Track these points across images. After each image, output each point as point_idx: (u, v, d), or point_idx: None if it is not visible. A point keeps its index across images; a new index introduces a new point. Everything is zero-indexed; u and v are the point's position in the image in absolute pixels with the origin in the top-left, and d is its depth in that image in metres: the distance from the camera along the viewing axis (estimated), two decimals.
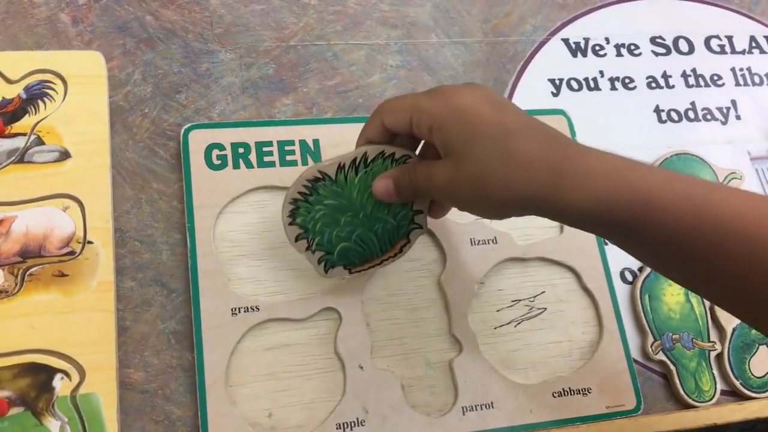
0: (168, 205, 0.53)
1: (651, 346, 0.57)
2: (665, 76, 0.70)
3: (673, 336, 0.58)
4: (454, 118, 0.42)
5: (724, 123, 0.69)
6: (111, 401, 0.46)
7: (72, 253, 0.49)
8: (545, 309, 0.57)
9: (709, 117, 0.69)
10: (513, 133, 0.41)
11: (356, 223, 0.49)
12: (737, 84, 0.71)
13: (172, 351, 0.49)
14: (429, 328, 0.54)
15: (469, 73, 0.64)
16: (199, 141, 0.54)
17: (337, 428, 0.49)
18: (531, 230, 0.58)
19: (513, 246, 0.57)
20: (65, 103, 0.53)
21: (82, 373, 0.46)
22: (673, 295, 0.59)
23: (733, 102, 0.70)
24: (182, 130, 0.54)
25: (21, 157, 0.50)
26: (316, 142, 0.56)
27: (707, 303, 0.60)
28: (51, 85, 0.53)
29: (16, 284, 0.47)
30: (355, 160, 0.47)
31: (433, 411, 0.52)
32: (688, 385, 0.57)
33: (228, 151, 0.54)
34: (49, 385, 0.46)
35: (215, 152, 0.54)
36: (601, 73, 0.68)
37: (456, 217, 0.57)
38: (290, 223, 0.48)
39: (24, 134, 0.51)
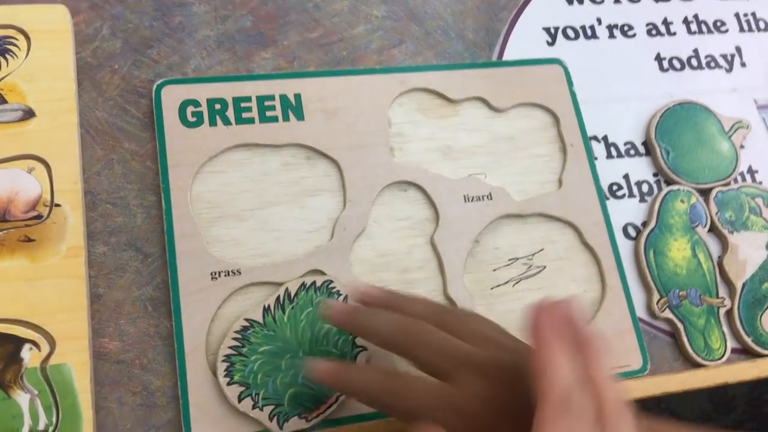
0: (141, 165, 0.49)
1: (657, 304, 0.53)
2: (666, 22, 0.65)
3: (680, 293, 0.54)
4: None
5: (728, 71, 0.64)
6: (84, 372, 0.42)
7: (38, 217, 0.45)
8: (544, 267, 0.52)
9: (712, 64, 0.64)
10: None
11: (299, 364, 0.45)
12: (741, 30, 0.66)
13: (149, 318, 0.45)
14: (422, 290, 0.50)
15: (459, 23, 0.59)
16: (172, 97, 0.49)
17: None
18: (528, 185, 0.54)
19: (509, 202, 0.53)
20: (28, 59, 0.48)
21: (52, 342, 0.43)
22: (679, 250, 0.55)
23: (738, 48, 0.65)
24: (154, 87, 0.49)
25: None
26: (297, 96, 0.52)
27: (715, 257, 0.56)
28: (13, 41, 0.48)
29: None
30: (278, 298, 0.46)
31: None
32: (696, 344, 0.53)
33: (204, 108, 0.50)
34: (17, 356, 0.42)
35: (190, 109, 0.49)
36: (599, 20, 0.63)
37: (448, 172, 0.53)
38: (228, 384, 0.44)
39: None
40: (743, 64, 0.65)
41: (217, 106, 0.50)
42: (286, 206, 0.49)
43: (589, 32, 0.62)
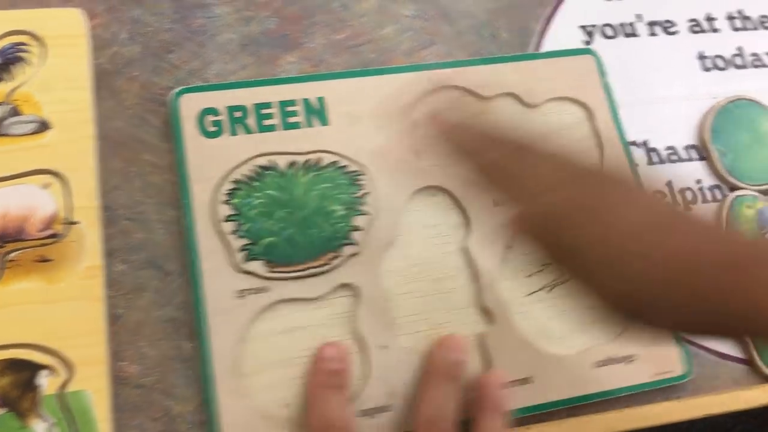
0: (161, 178, 0.44)
1: None
2: (709, 18, 0.59)
3: None
4: None
5: None
6: (102, 398, 0.38)
7: (55, 235, 0.40)
8: None
9: (758, 63, 0.58)
10: None
11: (291, 221, 0.43)
12: None
13: (170, 340, 0.41)
14: (456, 300, 0.45)
15: (493, 22, 0.54)
16: (191, 106, 0.45)
17: (363, 415, 0.41)
18: None
19: None
20: (44, 67, 0.43)
21: (70, 368, 0.38)
22: None
23: None
24: (172, 95, 0.45)
25: None
26: (321, 100, 0.47)
27: None
28: (27, 47, 0.44)
29: None
30: (308, 161, 0.44)
31: None
32: (766, 357, 0.48)
33: (224, 116, 0.45)
34: (33, 383, 0.38)
35: (209, 117, 0.45)
36: (639, 17, 0.57)
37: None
38: (225, 202, 0.42)
39: None
40: None
41: (238, 114, 0.45)
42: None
43: (628, 29, 0.57)
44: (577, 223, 0.31)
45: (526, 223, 0.33)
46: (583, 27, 0.56)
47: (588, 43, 0.55)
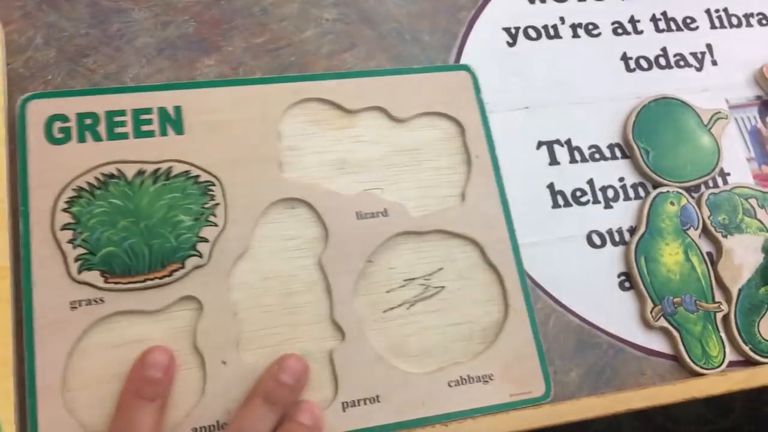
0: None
1: (651, 313, 0.48)
2: (633, 21, 0.58)
3: (675, 299, 0.48)
4: None
5: (699, 69, 0.58)
6: (7, 400, 0.37)
7: None
8: (443, 288, 0.46)
9: (682, 63, 0.58)
10: None
11: (134, 231, 0.41)
12: (713, 27, 0.60)
13: None
14: (307, 315, 0.44)
15: (415, 25, 0.53)
16: (39, 112, 0.43)
17: None
18: (428, 200, 0.48)
19: (406, 218, 0.47)
20: None
21: None
22: (671, 255, 0.50)
23: (709, 46, 0.59)
24: (18, 102, 0.43)
25: None
26: (177, 109, 0.45)
27: (709, 261, 0.50)
28: None
29: None
30: (158, 170, 0.43)
31: None
32: (694, 352, 0.47)
33: (73, 123, 0.44)
34: None
35: (57, 124, 0.43)
36: (562, 19, 0.57)
37: (342, 187, 0.46)
38: (64, 210, 0.41)
39: None
40: (714, 63, 0.58)
41: (88, 121, 0.44)
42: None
43: (551, 32, 0.56)
44: None
45: None
46: (506, 29, 0.55)
47: (511, 44, 0.55)
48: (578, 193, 0.51)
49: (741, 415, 1.06)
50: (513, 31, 0.56)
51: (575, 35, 0.57)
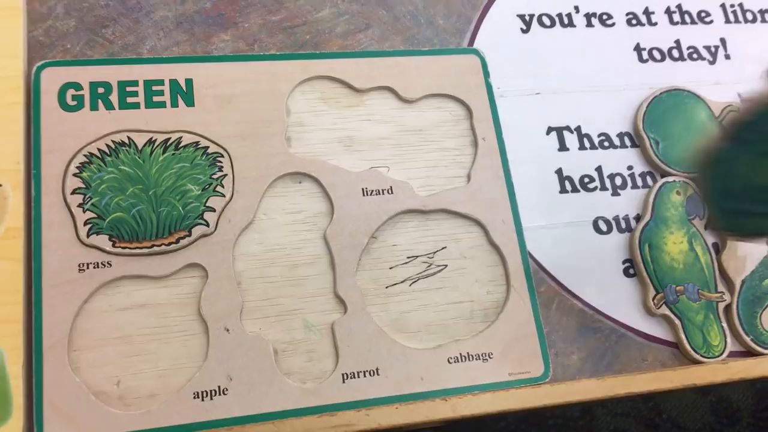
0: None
1: (653, 300, 0.48)
2: (647, 12, 0.58)
3: (677, 288, 0.48)
4: None
5: (711, 63, 0.57)
6: (17, 356, 0.38)
7: None
8: (445, 266, 0.46)
9: (695, 56, 0.57)
10: None
11: (142, 198, 0.42)
12: (727, 21, 0.59)
13: None
14: (310, 288, 0.44)
15: (429, 8, 0.53)
16: (53, 79, 0.44)
17: (194, 397, 0.40)
18: (433, 179, 0.48)
19: (412, 196, 0.47)
20: None
21: None
22: (675, 244, 0.49)
23: (722, 40, 0.58)
24: (33, 69, 0.44)
25: None
26: (189, 81, 0.46)
27: (713, 251, 0.50)
28: None
29: None
30: (168, 139, 0.44)
31: (310, 379, 0.42)
32: (695, 341, 0.47)
33: (86, 91, 0.44)
34: None
35: (70, 92, 0.44)
36: (576, 8, 0.57)
37: (349, 164, 0.47)
38: (75, 174, 0.41)
39: None
40: (727, 56, 0.58)
41: (101, 90, 0.44)
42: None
43: (566, 20, 0.56)
44: None
45: None
46: (520, 16, 0.55)
47: (525, 31, 0.55)
48: (586, 180, 0.51)
49: (748, 426, 1.05)
50: (527, 18, 0.55)
51: (589, 24, 0.56)
